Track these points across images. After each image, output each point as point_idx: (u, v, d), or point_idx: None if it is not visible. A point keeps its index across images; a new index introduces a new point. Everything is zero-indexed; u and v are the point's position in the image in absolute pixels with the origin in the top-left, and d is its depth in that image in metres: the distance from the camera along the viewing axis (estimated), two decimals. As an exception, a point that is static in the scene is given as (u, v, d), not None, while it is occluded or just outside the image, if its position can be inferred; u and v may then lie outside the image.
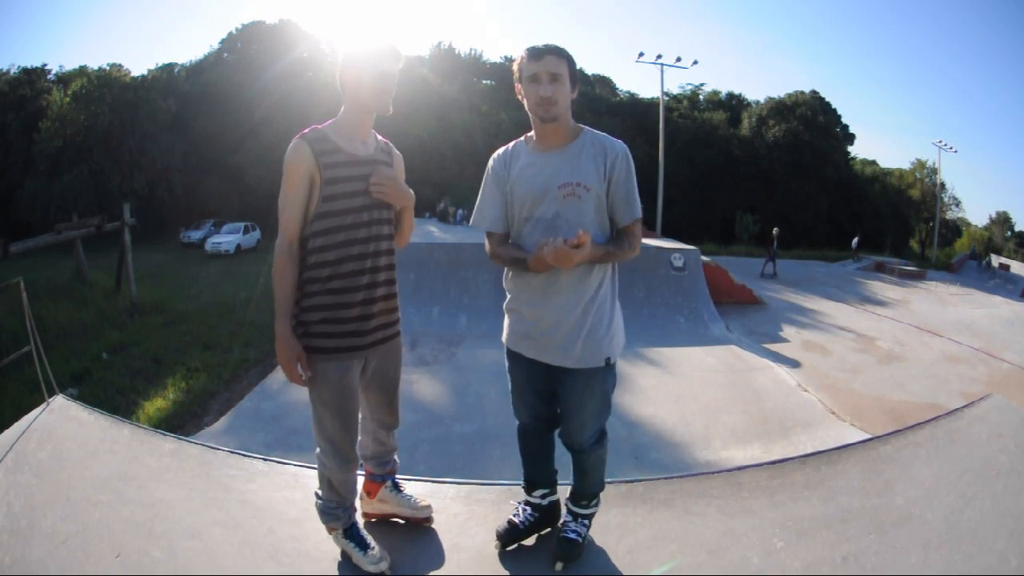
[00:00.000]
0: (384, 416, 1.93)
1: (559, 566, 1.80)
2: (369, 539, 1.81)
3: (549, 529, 1.98)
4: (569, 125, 1.72)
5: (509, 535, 1.90)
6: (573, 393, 1.76)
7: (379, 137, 1.83)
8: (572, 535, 1.85)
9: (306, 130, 1.69)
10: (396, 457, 2.04)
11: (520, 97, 1.70)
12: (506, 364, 1.90)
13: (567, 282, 1.69)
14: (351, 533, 1.81)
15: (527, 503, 1.98)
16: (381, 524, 1.99)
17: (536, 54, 1.62)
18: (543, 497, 1.96)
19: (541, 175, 1.70)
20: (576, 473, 1.89)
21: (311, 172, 1.65)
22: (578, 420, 1.79)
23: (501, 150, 1.83)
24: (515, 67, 1.69)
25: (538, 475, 1.97)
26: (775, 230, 18.02)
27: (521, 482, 2.03)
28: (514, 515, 1.95)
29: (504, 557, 1.87)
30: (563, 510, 1.95)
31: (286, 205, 1.68)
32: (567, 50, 1.66)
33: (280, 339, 1.68)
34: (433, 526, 2.01)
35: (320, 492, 1.84)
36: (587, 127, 1.76)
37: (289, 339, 1.68)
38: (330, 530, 1.84)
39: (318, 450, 1.80)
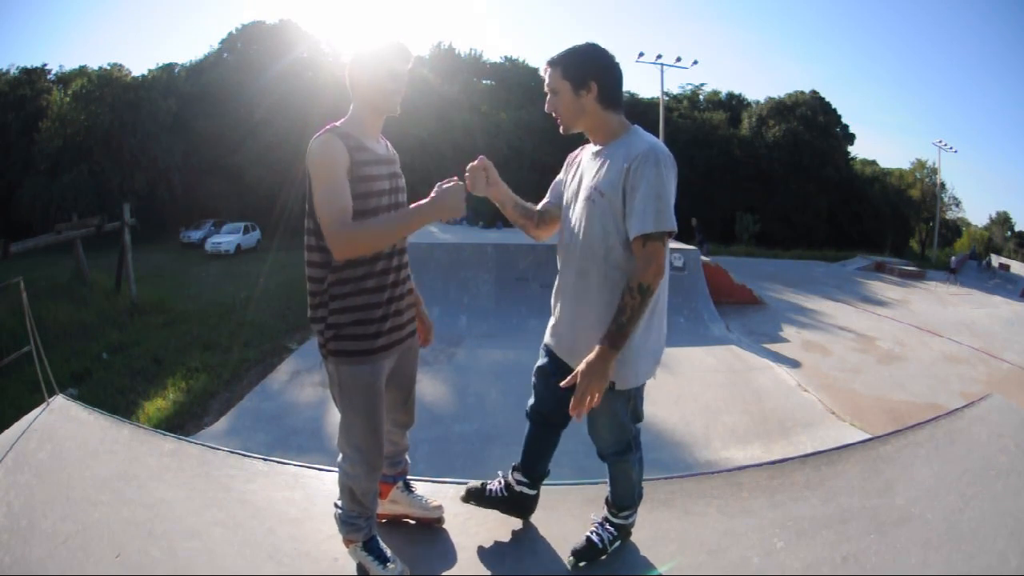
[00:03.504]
0: (400, 415, 1.92)
1: (569, 560, 1.82)
2: (388, 552, 1.77)
3: (508, 512, 2.02)
4: (608, 127, 1.64)
5: (472, 495, 2.00)
6: None
7: (384, 140, 1.81)
8: (592, 536, 1.85)
9: (328, 126, 1.62)
10: (407, 457, 2.04)
11: None
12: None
13: (593, 287, 1.62)
14: (371, 546, 1.77)
15: (504, 479, 2.02)
16: (380, 525, 1.99)
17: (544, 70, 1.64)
18: (518, 483, 1.99)
19: (579, 175, 1.70)
20: (609, 478, 1.88)
21: (347, 165, 1.58)
22: (593, 433, 1.79)
23: (578, 149, 1.81)
24: None
25: (526, 462, 1.99)
26: (693, 220, 17.42)
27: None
28: (490, 483, 2.01)
29: (506, 557, 1.88)
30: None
31: (331, 193, 1.53)
32: (567, 53, 1.61)
33: (439, 201, 1.59)
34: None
35: (341, 503, 1.78)
36: (636, 128, 1.64)
37: (439, 195, 1.60)
38: (348, 542, 1.78)
39: (340, 458, 1.75)
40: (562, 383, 1.56)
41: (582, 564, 1.81)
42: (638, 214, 1.50)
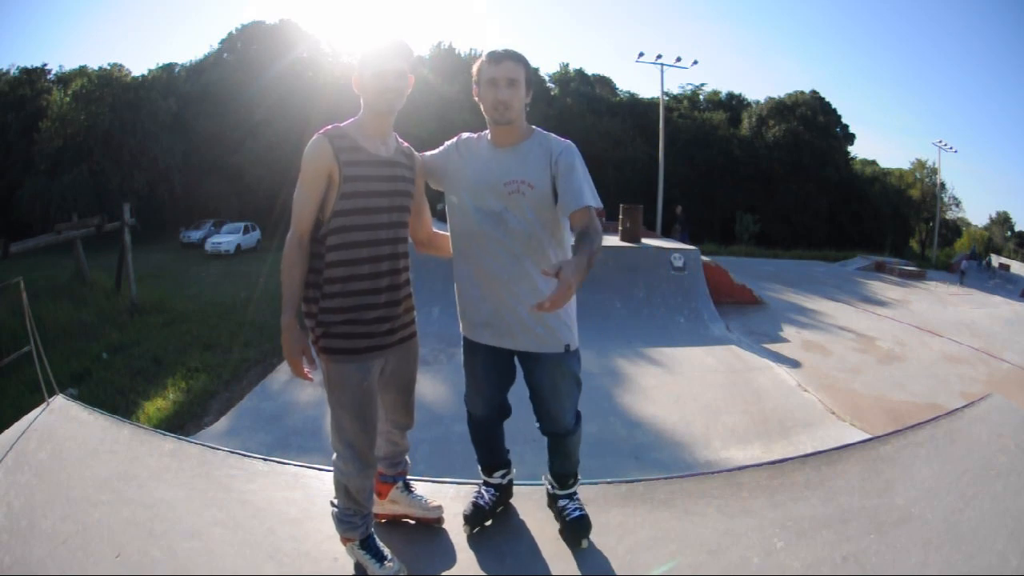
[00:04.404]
0: (399, 417, 1.92)
1: (584, 543, 1.89)
2: (385, 550, 1.78)
3: (503, 507, 2.09)
4: (523, 126, 1.79)
5: (477, 517, 1.98)
6: (544, 379, 1.83)
7: (400, 140, 1.83)
8: (577, 512, 1.93)
9: (328, 127, 1.69)
10: (407, 458, 2.04)
11: (476, 99, 1.78)
12: (463, 356, 1.96)
13: (532, 268, 1.75)
14: (368, 544, 1.77)
15: (487, 484, 2.07)
16: (379, 525, 1.99)
17: (496, 59, 1.70)
18: (503, 477, 2.06)
19: (491, 171, 1.76)
20: (558, 457, 1.96)
21: (329, 169, 1.64)
22: (556, 405, 1.86)
23: (467, 135, 1.89)
24: (474, 70, 1.76)
25: (496, 459, 2.06)
26: (678, 208, 17.28)
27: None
28: (477, 497, 2.04)
29: (505, 557, 1.88)
30: (553, 501, 2.02)
31: (300, 200, 1.67)
32: (525, 56, 1.75)
33: (286, 332, 1.65)
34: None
35: (336, 501, 1.79)
36: (538, 128, 1.82)
37: (295, 332, 1.65)
38: (346, 540, 1.79)
39: (335, 456, 1.76)
40: (544, 270, 1.53)
41: (586, 542, 1.89)
42: (576, 192, 1.69)
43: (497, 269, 1.77)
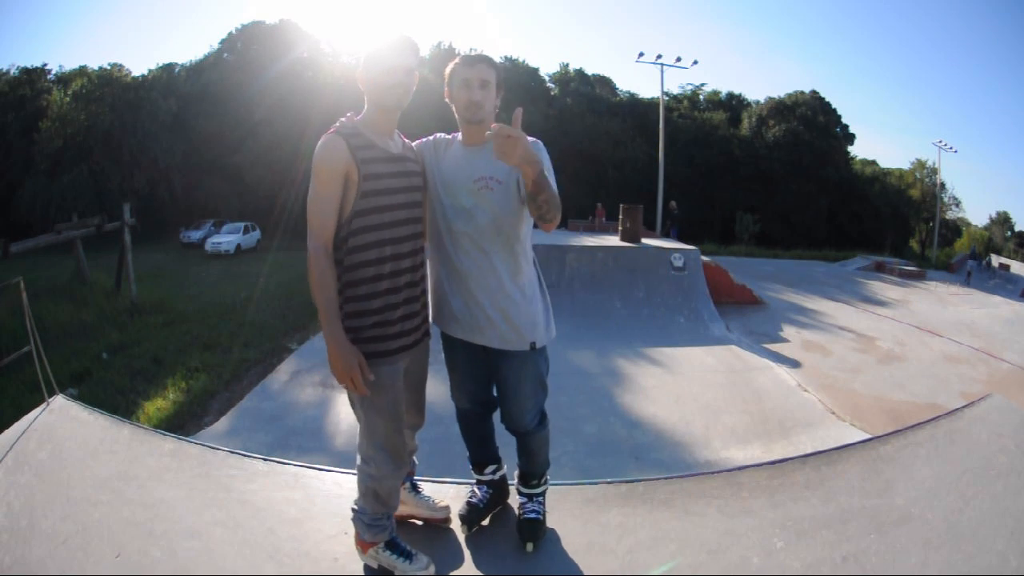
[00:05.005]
0: (412, 416, 1.91)
1: (529, 547, 1.90)
2: (410, 547, 1.77)
3: (500, 506, 2.11)
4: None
5: (471, 515, 2.00)
6: (508, 376, 1.85)
7: (403, 138, 1.82)
8: (532, 515, 1.95)
9: (337, 124, 1.64)
10: (415, 458, 2.04)
11: (447, 99, 1.81)
12: (443, 352, 1.98)
13: (498, 262, 1.78)
14: (394, 544, 1.76)
15: (479, 482, 2.09)
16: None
17: (469, 62, 1.76)
18: (494, 472, 2.08)
19: (462, 169, 1.80)
20: (523, 455, 1.98)
21: (347, 169, 1.58)
22: (517, 404, 1.88)
23: (442, 135, 1.93)
24: (447, 72, 1.79)
25: (486, 455, 2.08)
26: (672, 203, 17.44)
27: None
28: (471, 497, 2.06)
29: (506, 557, 1.88)
30: (517, 496, 2.04)
31: (319, 204, 1.58)
32: (497, 61, 1.83)
33: (337, 347, 1.54)
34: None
35: (363, 506, 1.75)
36: None
37: (347, 346, 1.56)
38: (368, 546, 1.75)
39: (361, 462, 1.73)
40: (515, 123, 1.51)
41: (532, 545, 1.90)
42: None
43: (467, 264, 1.79)
